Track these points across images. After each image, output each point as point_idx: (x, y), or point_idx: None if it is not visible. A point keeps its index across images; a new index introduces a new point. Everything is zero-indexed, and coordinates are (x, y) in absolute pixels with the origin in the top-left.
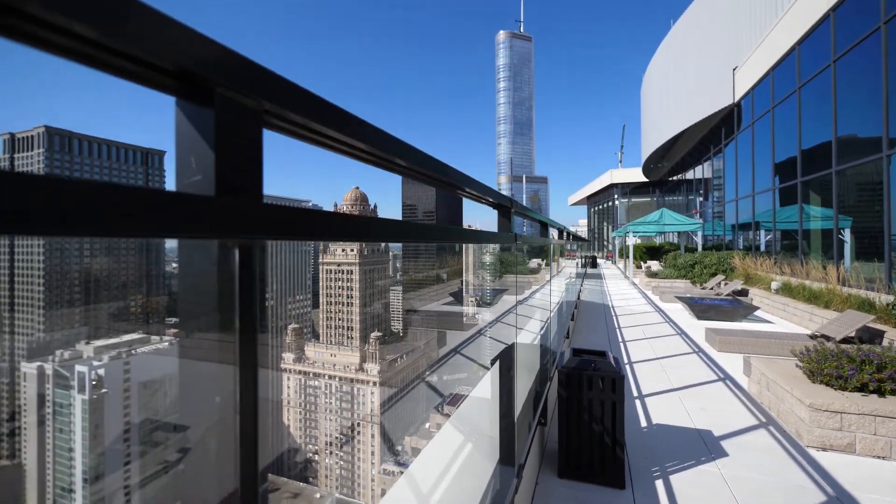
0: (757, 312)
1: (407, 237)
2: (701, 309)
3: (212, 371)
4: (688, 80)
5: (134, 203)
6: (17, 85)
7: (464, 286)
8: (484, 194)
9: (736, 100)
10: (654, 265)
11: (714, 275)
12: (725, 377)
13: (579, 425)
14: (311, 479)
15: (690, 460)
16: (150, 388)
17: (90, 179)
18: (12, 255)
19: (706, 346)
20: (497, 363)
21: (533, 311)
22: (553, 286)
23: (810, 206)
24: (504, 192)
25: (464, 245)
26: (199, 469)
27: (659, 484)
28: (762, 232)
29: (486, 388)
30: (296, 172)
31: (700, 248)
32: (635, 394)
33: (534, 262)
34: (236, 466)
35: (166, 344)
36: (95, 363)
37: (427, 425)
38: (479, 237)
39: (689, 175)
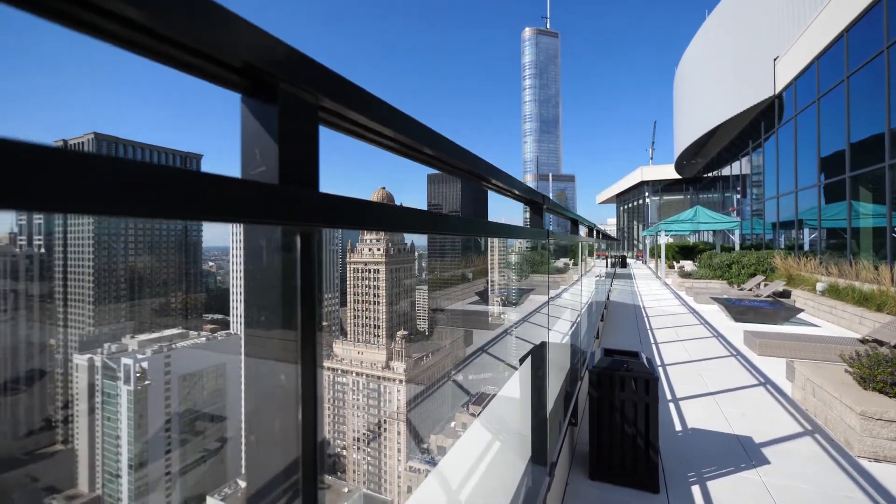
0: (800, 315)
1: (445, 229)
2: (739, 311)
3: (275, 352)
4: (724, 72)
5: (205, 189)
6: (99, 80)
7: (489, 285)
8: (515, 189)
9: (777, 91)
10: (688, 265)
11: (753, 275)
12: (766, 382)
13: (611, 427)
14: (339, 473)
15: (729, 467)
16: (190, 381)
17: (164, 166)
18: (65, 254)
19: (745, 350)
20: (527, 361)
21: (561, 311)
22: (582, 285)
23: (860, 202)
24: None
25: (489, 244)
26: (267, 449)
27: (695, 490)
28: (806, 230)
29: (514, 387)
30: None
31: (737, 248)
32: (668, 397)
33: (561, 262)
34: (298, 442)
35: (203, 339)
36: (139, 356)
37: (452, 424)
38: (514, 231)
39: (726, 171)
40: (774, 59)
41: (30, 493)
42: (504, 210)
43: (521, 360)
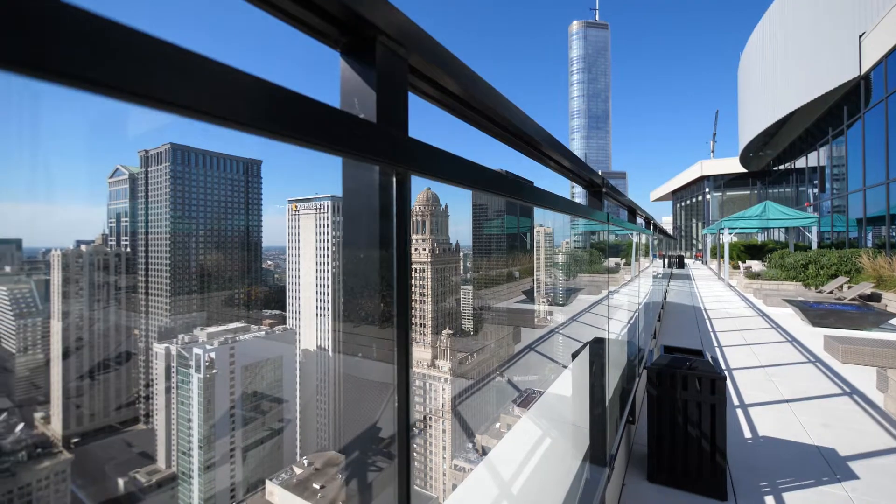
0: (894, 321)
1: (522, 194)
2: (818, 314)
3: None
4: (799, 53)
5: (316, 115)
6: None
7: (536, 285)
8: (577, 168)
9: (863, 72)
10: (756, 265)
11: (833, 276)
12: (852, 391)
13: (672, 427)
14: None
15: (808, 479)
16: (251, 370)
17: (283, 88)
18: (147, 250)
19: (825, 356)
20: (583, 356)
21: (614, 311)
22: (637, 283)
23: None
24: (577, 190)
25: (536, 243)
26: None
27: (769, 500)
28: None
29: (567, 383)
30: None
31: (815, 247)
32: (735, 402)
33: (612, 262)
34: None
35: (263, 333)
36: (208, 347)
37: (497, 425)
38: (577, 209)
39: (800, 163)
40: (860, 36)
41: (117, 464)
42: (549, 215)
43: (574, 356)
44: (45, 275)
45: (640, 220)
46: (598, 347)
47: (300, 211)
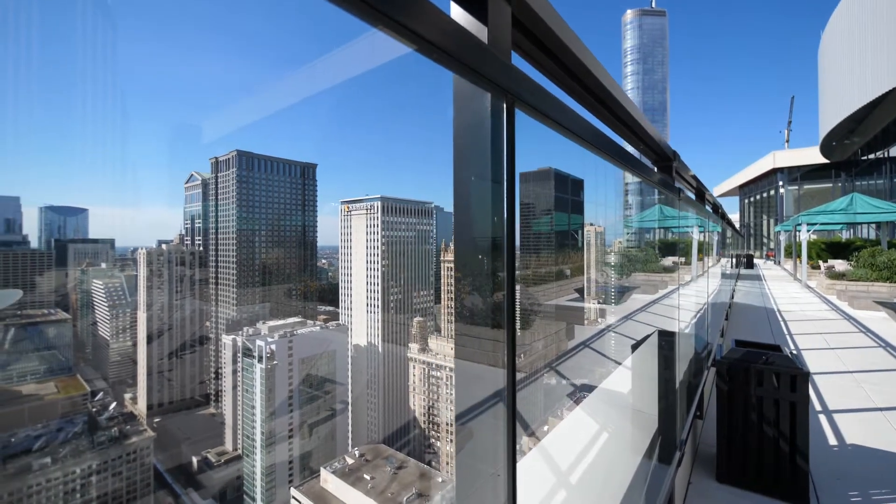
0: None
1: (613, 155)
2: None
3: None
4: (891, 27)
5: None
6: None
7: (587, 284)
8: (648, 140)
9: None
10: (840, 265)
11: None
12: None
13: (745, 426)
14: (432, 463)
15: None
16: (307, 363)
17: None
18: (217, 249)
19: None
20: (649, 346)
21: (673, 310)
22: (701, 281)
23: None
24: (632, 188)
25: (587, 240)
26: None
27: None
28: None
29: (623, 377)
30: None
31: None
32: (818, 408)
33: (669, 261)
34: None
35: (318, 328)
36: (269, 339)
37: (545, 427)
38: (646, 172)
39: (894, 152)
40: None
41: (192, 444)
42: (600, 213)
43: (634, 348)
44: (133, 270)
45: (707, 207)
46: (664, 339)
47: (352, 211)
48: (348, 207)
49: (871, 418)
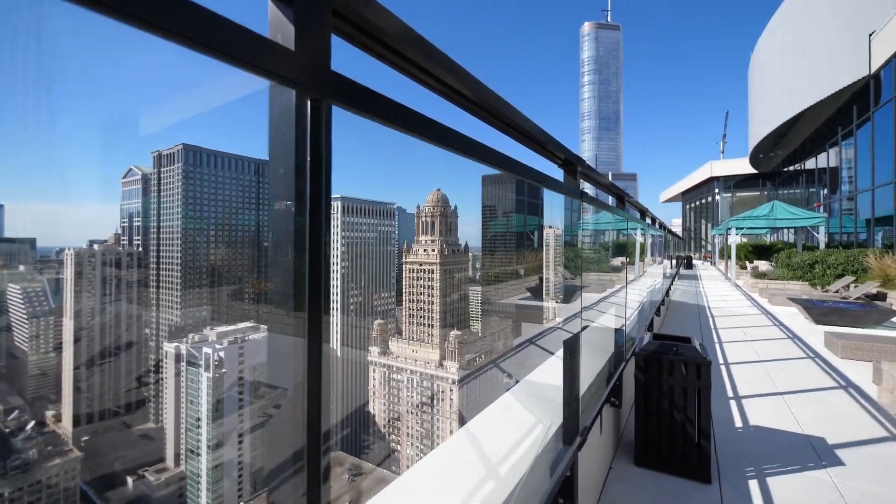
0: None
1: (457, 146)
2: (821, 312)
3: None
4: (809, 53)
5: (232, 35)
6: None
7: (544, 283)
8: (545, 143)
9: (872, 71)
10: (763, 265)
11: (840, 276)
12: (848, 385)
13: (659, 412)
14: (392, 467)
15: (794, 465)
16: (261, 370)
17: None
18: (158, 249)
19: (825, 352)
20: (570, 341)
21: (609, 306)
22: (635, 280)
23: None
24: (588, 191)
25: (544, 243)
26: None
27: (752, 484)
28: None
29: (549, 368)
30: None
31: (822, 247)
32: (730, 394)
33: (618, 261)
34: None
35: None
36: (218, 346)
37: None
38: (541, 179)
39: (810, 164)
40: (870, 35)
41: (126, 463)
42: (557, 216)
43: (565, 343)
44: (59, 273)
45: (633, 211)
46: (577, 337)
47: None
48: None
49: (774, 402)
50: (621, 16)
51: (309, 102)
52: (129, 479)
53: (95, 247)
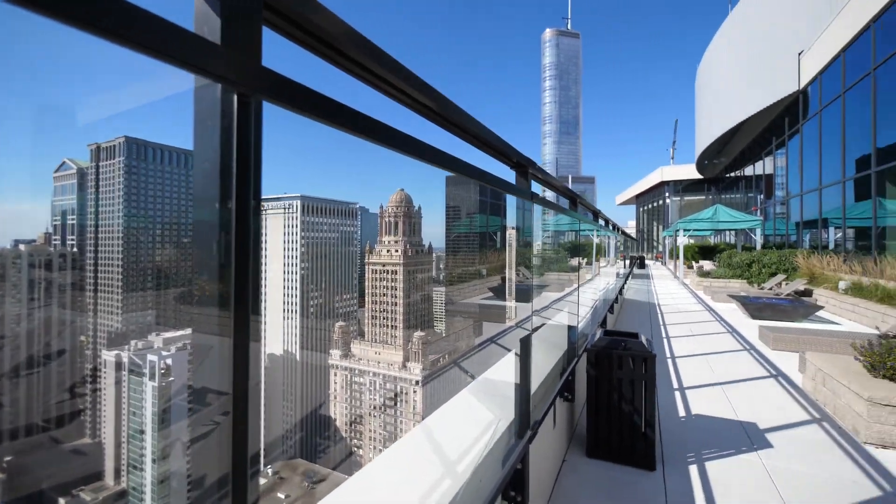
0: (820, 313)
1: (408, 149)
2: (756, 308)
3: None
4: (747, 68)
5: (159, 32)
6: None
7: (506, 283)
8: (498, 147)
9: (801, 86)
10: (707, 265)
11: (773, 274)
12: (777, 374)
13: (609, 406)
14: (354, 471)
15: (729, 449)
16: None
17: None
18: (96, 249)
19: (759, 344)
20: (526, 340)
21: (566, 304)
22: (591, 280)
23: (887, 199)
24: (549, 195)
25: (507, 243)
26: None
27: (692, 469)
28: (831, 229)
29: (504, 365)
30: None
31: (759, 248)
32: (675, 386)
33: (575, 261)
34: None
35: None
36: (164, 353)
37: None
38: (492, 181)
39: (749, 171)
40: (799, 54)
41: (58, 483)
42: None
43: (521, 341)
44: None
45: (588, 214)
46: (530, 335)
47: (267, 210)
48: (263, 206)
49: (713, 391)
50: (580, 23)
51: (236, 98)
52: (62, 501)
53: (21, 247)
